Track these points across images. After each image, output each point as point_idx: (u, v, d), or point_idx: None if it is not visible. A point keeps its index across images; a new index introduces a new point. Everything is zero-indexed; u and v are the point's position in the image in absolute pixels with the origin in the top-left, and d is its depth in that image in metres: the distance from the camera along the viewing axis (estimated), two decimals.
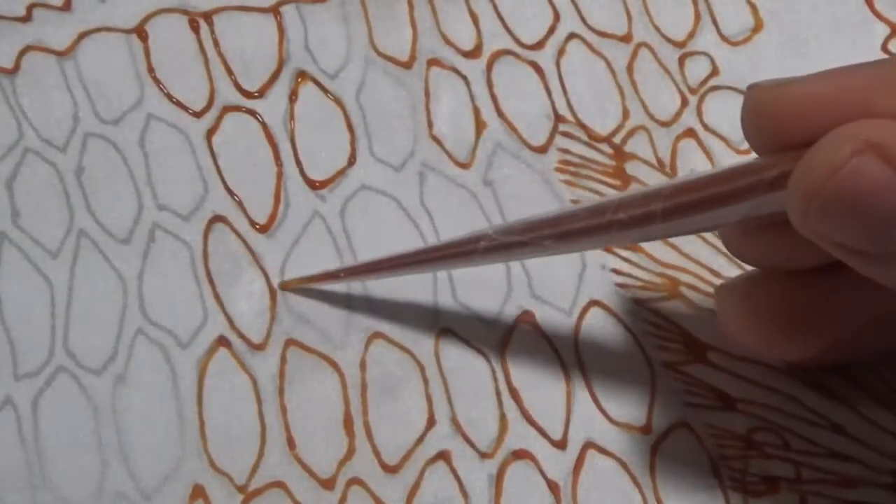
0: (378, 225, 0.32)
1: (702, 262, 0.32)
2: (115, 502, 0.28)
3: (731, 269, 0.32)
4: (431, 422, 0.30)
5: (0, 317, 0.30)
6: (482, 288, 0.31)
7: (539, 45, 0.34)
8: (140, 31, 0.33)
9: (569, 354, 0.31)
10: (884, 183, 0.23)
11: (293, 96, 0.33)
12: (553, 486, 0.29)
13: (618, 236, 0.27)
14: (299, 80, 0.33)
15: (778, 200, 0.25)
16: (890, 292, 0.25)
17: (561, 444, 0.30)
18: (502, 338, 0.31)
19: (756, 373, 0.31)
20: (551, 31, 0.35)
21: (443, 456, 0.30)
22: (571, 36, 0.35)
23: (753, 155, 0.27)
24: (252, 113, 0.32)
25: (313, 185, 0.32)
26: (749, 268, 0.30)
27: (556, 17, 0.35)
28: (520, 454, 0.30)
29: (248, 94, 0.33)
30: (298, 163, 0.32)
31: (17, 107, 0.32)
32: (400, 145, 0.33)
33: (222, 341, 0.30)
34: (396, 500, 0.29)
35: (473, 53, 0.34)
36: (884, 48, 0.35)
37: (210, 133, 0.32)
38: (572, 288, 0.32)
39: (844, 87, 0.25)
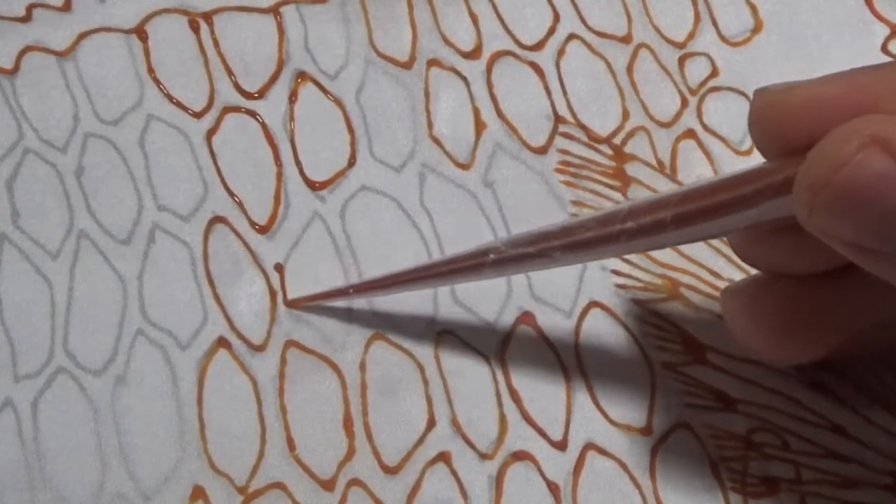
0: (378, 226, 0.32)
1: (702, 263, 0.32)
2: (114, 503, 0.28)
3: (732, 271, 0.32)
4: (431, 423, 0.30)
5: (0, 318, 0.30)
6: (482, 289, 0.31)
7: (539, 46, 0.34)
8: (140, 32, 0.33)
9: (569, 356, 0.31)
10: (890, 177, 0.23)
11: (293, 97, 0.33)
12: (553, 488, 0.29)
13: (627, 246, 0.27)
14: (299, 80, 0.33)
15: (786, 205, 0.25)
16: None
17: (561, 446, 0.30)
18: (502, 339, 0.31)
19: (756, 373, 0.31)
20: (551, 31, 0.35)
21: (443, 457, 0.30)
22: (571, 37, 0.35)
23: (754, 155, 0.27)
24: (252, 113, 0.32)
25: (313, 185, 0.32)
26: (754, 270, 0.30)
27: (556, 17, 0.35)
28: (520, 455, 0.30)
29: (248, 95, 0.33)
30: (298, 163, 0.32)
31: (17, 107, 0.32)
32: (400, 146, 0.33)
33: (222, 342, 0.30)
34: (396, 501, 0.29)
35: (473, 54, 0.34)
36: (884, 49, 0.35)
37: (210, 133, 0.32)
38: (572, 289, 0.32)
39: (850, 90, 0.24)
